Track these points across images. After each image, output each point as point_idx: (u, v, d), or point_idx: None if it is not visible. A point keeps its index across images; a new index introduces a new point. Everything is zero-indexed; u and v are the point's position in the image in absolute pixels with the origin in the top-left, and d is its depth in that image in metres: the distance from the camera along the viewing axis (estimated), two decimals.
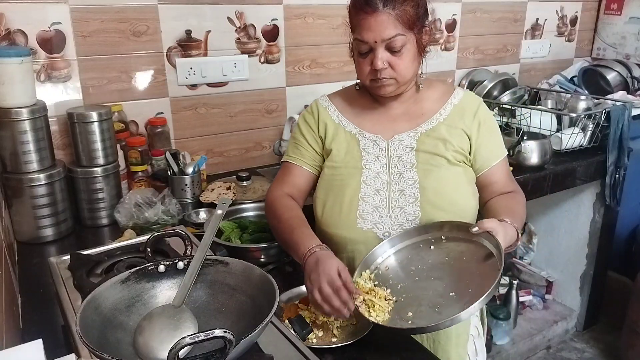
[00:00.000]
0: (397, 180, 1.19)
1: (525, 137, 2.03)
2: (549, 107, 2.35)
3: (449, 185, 1.18)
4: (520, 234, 1.10)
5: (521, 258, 2.79)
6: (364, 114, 1.26)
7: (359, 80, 1.23)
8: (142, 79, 1.74)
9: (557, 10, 2.86)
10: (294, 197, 1.25)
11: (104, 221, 1.55)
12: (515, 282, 2.44)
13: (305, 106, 2.10)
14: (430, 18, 1.17)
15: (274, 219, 1.21)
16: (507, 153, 1.28)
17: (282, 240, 1.19)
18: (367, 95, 1.26)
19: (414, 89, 1.23)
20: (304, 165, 1.26)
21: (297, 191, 1.26)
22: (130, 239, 1.26)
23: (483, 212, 1.23)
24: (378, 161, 1.20)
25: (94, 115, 1.48)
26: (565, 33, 2.95)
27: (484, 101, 1.29)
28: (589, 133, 2.17)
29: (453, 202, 1.17)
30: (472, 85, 2.52)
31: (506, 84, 2.52)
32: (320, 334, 1.03)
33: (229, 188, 1.67)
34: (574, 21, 2.96)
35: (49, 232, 1.45)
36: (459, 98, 1.24)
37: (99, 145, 1.50)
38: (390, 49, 1.11)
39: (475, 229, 1.04)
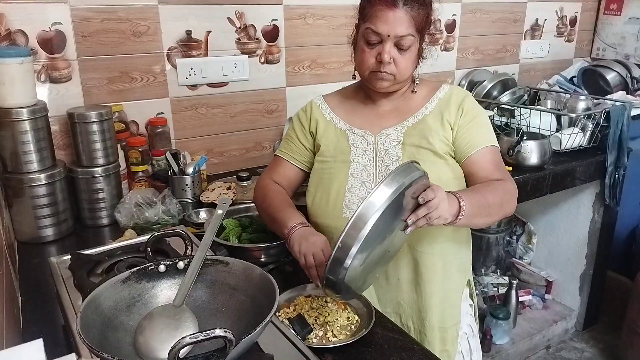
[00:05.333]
0: (383, 173, 1.22)
1: (524, 137, 2.03)
2: (549, 107, 2.35)
3: (435, 177, 1.17)
4: (462, 208, 1.01)
5: (521, 258, 2.79)
6: (354, 111, 1.30)
7: (356, 72, 1.26)
8: (143, 79, 1.75)
9: (556, 11, 2.86)
10: (282, 186, 1.32)
11: (105, 221, 1.55)
12: (514, 281, 2.44)
13: None
14: (432, 28, 1.22)
15: (263, 201, 1.28)
16: (496, 145, 1.24)
17: (268, 218, 1.26)
18: (360, 94, 1.31)
19: (405, 89, 1.27)
20: (291, 160, 1.33)
21: (286, 182, 1.33)
22: (130, 239, 1.26)
23: None
24: (366, 155, 1.24)
25: (95, 116, 1.49)
26: (565, 33, 2.96)
27: (483, 101, 1.29)
28: (588, 133, 2.17)
29: None
30: (472, 86, 2.52)
31: (506, 84, 2.52)
32: (320, 333, 1.03)
33: (229, 188, 1.67)
34: (573, 21, 2.96)
35: (49, 232, 1.45)
36: (444, 92, 1.26)
37: (99, 146, 1.51)
38: (399, 46, 1.14)
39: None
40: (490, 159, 1.22)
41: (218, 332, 0.63)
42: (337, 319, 1.06)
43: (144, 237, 1.16)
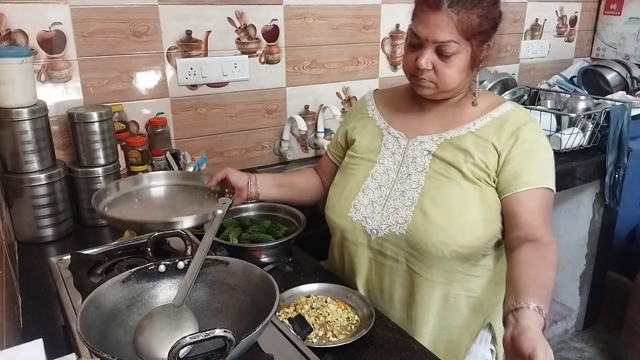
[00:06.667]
0: (402, 181, 1.15)
1: None
2: (549, 107, 2.35)
3: (454, 201, 1.08)
4: (545, 313, 0.85)
5: None
6: (398, 111, 1.24)
7: None
8: (143, 79, 1.75)
9: (556, 11, 2.86)
10: (319, 175, 1.40)
11: (105, 221, 1.55)
12: None
13: (306, 106, 2.11)
14: (496, 34, 1.11)
15: None
16: (551, 188, 1.07)
17: None
18: (410, 94, 1.23)
19: (460, 98, 1.16)
20: (329, 153, 1.37)
21: (322, 171, 1.39)
22: (130, 239, 1.26)
23: (506, 257, 1.05)
24: (392, 158, 1.18)
25: (95, 116, 1.49)
26: (565, 33, 2.96)
27: None
28: (588, 133, 2.17)
29: (451, 220, 1.07)
30: None
31: (506, 84, 2.52)
32: (320, 333, 1.03)
33: None
34: (573, 21, 2.96)
35: (49, 232, 1.45)
36: (502, 112, 1.12)
37: (99, 145, 1.51)
38: (440, 53, 1.05)
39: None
40: (539, 204, 1.05)
41: (218, 332, 0.63)
42: (337, 319, 1.06)
43: (144, 237, 1.16)
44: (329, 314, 1.07)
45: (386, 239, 1.14)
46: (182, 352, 0.63)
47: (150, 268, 0.87)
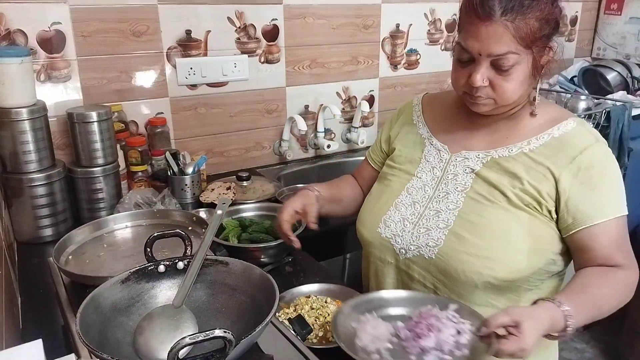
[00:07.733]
0: (439, 199, 1.06)
1: None
2: None
3: (494, 228, 0.98)
4: (572, 322, 0.83)
5: None
6: (445, 119, 1.14)
7: None
8: (142, 79, 1.74)
9: None
10: (358, 181, 1.32)
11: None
12: None
13: (306, 106, 2.10)
14: (558, 33, 1.00)
15: None
16: (624, 213, 0.97)
17: None
18: (461, 101, 1.08)
19: (518, 109, 1.05)
20: (370, 160, 1.29)
21: (361, 179, 1.31)
22: None
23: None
24: (432, 173, 1.09)
25: (94, 115, 1.48)
26: (566, 33, 2.95)
27: None
28: None
29: (489, 249, 0.97)
30: None
31: None
32: (320, 333, 1.03)
33: (228, 188, 1.67)
34: (574, 21, 2.96)
35: (48, 232, 1.45)
36: (564, 130, 1.00)
37: (98, 145, 1.50)
38: (497, 67, 0.93)
39: (484, 329, 0.82)
40: (615, 234, 0.96)
41: (218, 332, 0.63)
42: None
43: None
44: (329, 315, 1.07)
45: (414, 260, 1.06)
46: (182, 353, 0.62)
47: (149, 268, 0.87)
